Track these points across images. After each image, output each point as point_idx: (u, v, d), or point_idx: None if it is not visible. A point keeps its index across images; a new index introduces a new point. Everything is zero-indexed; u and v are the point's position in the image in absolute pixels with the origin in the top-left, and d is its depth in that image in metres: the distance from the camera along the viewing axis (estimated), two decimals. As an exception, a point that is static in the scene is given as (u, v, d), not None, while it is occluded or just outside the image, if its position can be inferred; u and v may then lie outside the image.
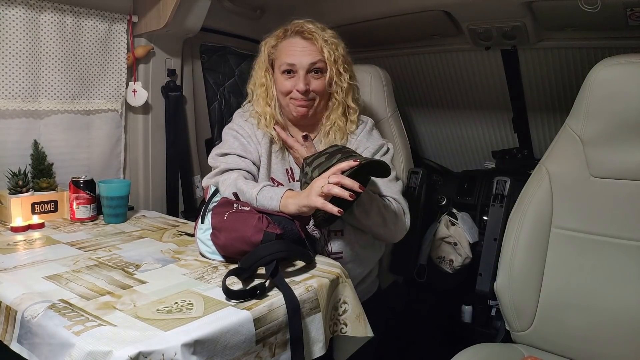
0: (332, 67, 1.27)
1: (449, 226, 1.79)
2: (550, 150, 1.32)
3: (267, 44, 1.33)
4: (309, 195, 1.05)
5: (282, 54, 1.29)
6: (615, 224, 1.21)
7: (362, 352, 1.10)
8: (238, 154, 1.29)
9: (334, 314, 1.02)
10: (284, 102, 1.32)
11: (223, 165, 1.27)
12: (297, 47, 1.27)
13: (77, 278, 0.96)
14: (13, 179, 1.38)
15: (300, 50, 1.27)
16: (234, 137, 1.33)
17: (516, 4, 1.51)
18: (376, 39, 2.03)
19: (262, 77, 1.33)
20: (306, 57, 1.26)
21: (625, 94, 1.16)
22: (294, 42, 1.28)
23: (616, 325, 1.18)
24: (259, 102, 1.33)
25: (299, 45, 1.27)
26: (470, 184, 1.94)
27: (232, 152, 1.29)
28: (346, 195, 1.00)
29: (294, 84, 1.27)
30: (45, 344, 0.75)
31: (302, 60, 1.26)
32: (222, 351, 0.77)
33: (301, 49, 1.27)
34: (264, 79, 1.33)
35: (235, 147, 1.30)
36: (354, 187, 1.01)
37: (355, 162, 1.05)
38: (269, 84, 1.33)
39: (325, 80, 1.28)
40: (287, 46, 1.29)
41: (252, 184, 1.19)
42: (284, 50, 1.29)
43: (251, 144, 1.31)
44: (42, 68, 1.48)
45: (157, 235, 1.29)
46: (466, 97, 2.10)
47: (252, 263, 0.95)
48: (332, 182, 1.02)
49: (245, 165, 1.27)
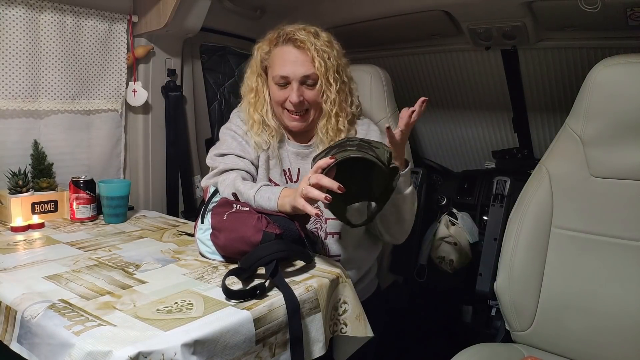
0: (322, 78, 1.25)
1: (449, 226, 1.79)
2: (550, 150, 1.32)
3: (260, 49, 1.31)
4: (295, 196, 1.03)
5: (275, 63, 1.27)
6: (615, 224, 1.21)
7: (362, 352, 1.10)
8: (236, 154, 1.28)
9: (334, 314, 1.02)
10: (278, 111, 1.31)
11: (222, 165, 1.26)
12: (289, 57, 1.25)
13: (77, 278, 0.96)
14: (13, 179, 1.38)
15: (293, 61, 1.24)
16: (231, 137, 1.32)
17: (516, 4, 1.50)
18: (376, 39, 2.03)
19: (255, 81, 1.32)
20: (299, 69, 1.24)
21: (625, 93, 1.16)
22: (286, 51, 1.26)
23: (616, 325, 1.18)
24: (247, 110, 1.32)
25: (292, 55, 1.25)
26: (470, 184, 1.94)
27: (231, 153, 1.29)
28: (321, 197, 0.95)
29: (287, 95, 1.26)
30: (45, 344, 0.75)
31: (295, 71, 1.24)
32: (222, 351, 0.77)
33: (294, 59, 1.24)
34: (255, 84, 1.32)
35: (233, 147, 1.29)
36: (332, 187, 0.96)
37: (332, 159, 0.99)
38: (260, 89, 1.31)
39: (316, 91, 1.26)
40: (280, 55, 1.27)
41: (249, 185, 1.19)
42: (277, 60, 1.27)
43: (249, 143, 1.31)
44: (42, 68, 1.48)
45: (157, 235, 1.29)
46: (466, 97, 2.10)
47: (251, 263, 0.95)
48: (312, 183, 0.98)
49: (244, 165, 1.27)
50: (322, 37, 1.27)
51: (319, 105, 1.28)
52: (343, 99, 1.30)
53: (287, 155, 1.34)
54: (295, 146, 1.34)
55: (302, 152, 1.33)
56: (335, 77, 1.27)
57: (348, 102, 1.33)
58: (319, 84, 1.25)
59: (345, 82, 1.32)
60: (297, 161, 1.33)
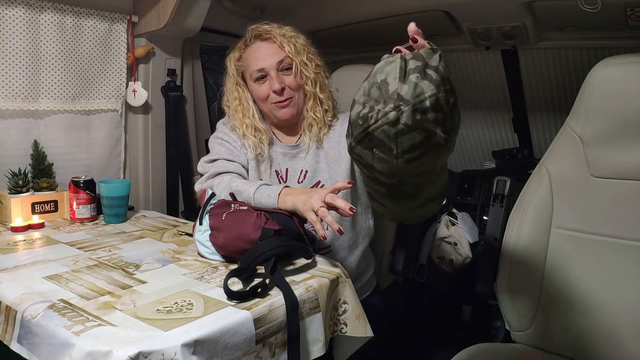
0: (296, 59, 1.28)
1: (449, 226, 1.79)
2: (550, 150, 1.32)
3: (232, 59, 1.35)
4: (305, 205, 1.05)
5: (249, 63, 1.30)
6: (615, 224, 1.21)
7: (362, 352, 1.10)
8: (226, 159, 1.30)
9: (334, 314, 1.02)
10: (266, 109, 1.32)
11: (213, 169, 1.28)
12: (260, 51, 1.29)
13: (77, 278, 0.96)
14: (13, 179, 1.38)
15: (264, 54, 1.28)
16: (219, 144, 1.34)
17: (516, 4, 1.50)
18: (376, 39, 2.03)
19: (234, 90, 1.34)
20: (271, 57, 1.27)
21: (625, 93, 1.16)
22: (255, 47, 1.30)
23: (616, 324, 1.19)
24: (235, 116, 1.33)
25: (262, 49, 1.29)
26: (470, 184, 1.94)
27: (220, 157, 1.30)
28: (335, 227, 0.99)
29: (269, 87, 1.28)
30: (45, 344, 0.75)
31: (269, 61, 1.27)
32: (222, 351, 0.77)
33: (265, 52, 1.28)
34: (236, 93, 1.34)
35: (222, 153, 1.31)
36: (345, 209, 0.99)
37: (350, 183, 1.02)
38: (242, 96, 1.33)
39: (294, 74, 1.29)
40: (251, 53, 1.30)
41: (248, 183, 1.20)
42: (250, 58, 1.30)
43: (237, 148, 1.32)
44: (42, 68, 1.48)
45: (157, 235, 1.29)
46: (466, 97, 2.10)
47: (251, 261, 0.95)
48: (327, 202, 1.01)
49: (235, 168, 1.28)
50: (285, 28, 1.31)
51: (300, 87, 1.30)
52: (322, 81, 1.33)
53: (276, 157, 1.35)
54: (282, 147, 1.35)
55: (289, 152, 1.34)
56: (310, 57, 1.30)
57: (328, 84, 1.35)
58: (294, 67, 1.28)
59: (320, 65, 1.33)
60: (286, 161, 1.34)
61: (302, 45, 1.30)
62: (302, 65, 1.28)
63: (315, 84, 1.31)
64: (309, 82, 1.30)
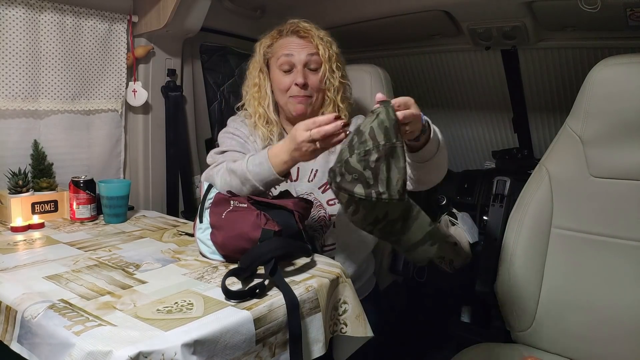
0: (326, 64, 1.29)
1: (449, 226, 1.79)
2: (550, 150, 1.33)
3: (262, 44, 1.35)
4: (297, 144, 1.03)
5: (278, 50, 1.31)
6: (614, 224, 1.21)
7: (362, 352, 1.10)
8: (236, 150, 1.30)
9: (333, 313, 1.02)
10: (282, 101, 1.32)
11: (221, 159, 1.27)
12: (293, 44, 1.30)
13: (77, 278, 0.96)
14: (13, 179, 1.38)
15: (296, 46, 1.29)
16: (230, 138, 1.34)
17: (516, 4, 1.50)
18: (376, 39, 2.03)
19: (256, 77, 1.35)
20: (303, 51, 1.28)
21: (625, 93, 1.17)
22: (290, 40, 1.31)
23: (616, 324, 1.19)
24: (251, 103, 1.35)
25: (295, 42, 1.30)
26: (470, 184, 1.94)
27: (230, 149, 1.30)
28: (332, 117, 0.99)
29: (292, 79, 1.28)
30: (45, 344, 0.75)
31: (300, 52, 1.28)
32: (222, 351, 0.77)
33: (297, 45, 1.29)
34: (257, 79, 1.34)
35: (232, 145, 1.31)
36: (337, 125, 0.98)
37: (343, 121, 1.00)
38: (262, 84, 1.34)
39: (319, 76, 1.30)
40: (284, 44, 1.31)
41: (239, 162, 1.16)
42: (281, 47, 1.31)
43: (248, 142, 1.33)
44: (42, 68, 1.48)
45: (157, 235, 1.29)
46: (466, 97, 2.10)
47: (250, 262, 0.95)
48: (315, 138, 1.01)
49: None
50: (323, 31, 1.32)
51: (321, 91, 1.31)
52: (344, 92, 1.34)
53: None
54: None
55: None
56: (338, 66, 1.31)
57: (347, 95, 1.37)
58: (322, 69, 1.29)
59: (345, 76, 1.35)
60: None
61: (335, 53, 1.31)
62: (329, 71, 1.29)
63: (337, 92, 1.32)
64: (332, 89, 1.31)
